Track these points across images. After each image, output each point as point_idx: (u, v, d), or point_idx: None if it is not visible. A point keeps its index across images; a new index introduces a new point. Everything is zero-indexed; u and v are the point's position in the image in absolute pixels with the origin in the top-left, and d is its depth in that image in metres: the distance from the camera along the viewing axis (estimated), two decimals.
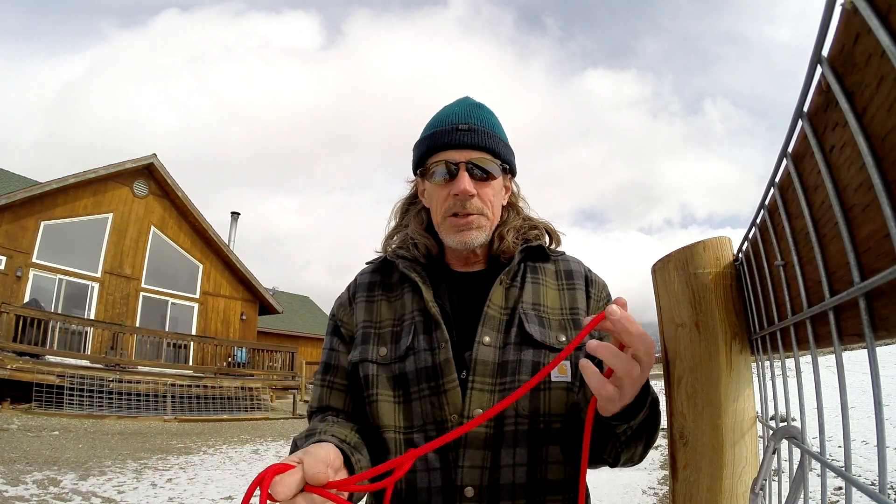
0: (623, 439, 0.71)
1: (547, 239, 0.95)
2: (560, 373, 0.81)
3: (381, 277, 0.92)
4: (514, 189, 0.96)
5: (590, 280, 0.92)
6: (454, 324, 0.84)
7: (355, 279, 0.96)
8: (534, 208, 0.98)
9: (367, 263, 0.97)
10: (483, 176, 0.85)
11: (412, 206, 0.96)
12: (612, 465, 0.80)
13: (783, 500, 0.57)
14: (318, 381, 0.91)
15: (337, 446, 0.66)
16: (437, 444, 0.62)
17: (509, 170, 0.91)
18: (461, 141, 0.84)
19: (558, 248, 0.97)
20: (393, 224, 0.98)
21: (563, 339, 0.84)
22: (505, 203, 0.93)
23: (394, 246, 0.94)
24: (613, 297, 0.69)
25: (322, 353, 0.93)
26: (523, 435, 0.78)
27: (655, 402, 0.74)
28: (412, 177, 0.96)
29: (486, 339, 0.81)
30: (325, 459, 0.59)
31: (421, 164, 0.89)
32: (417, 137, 0.93)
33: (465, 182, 0.82)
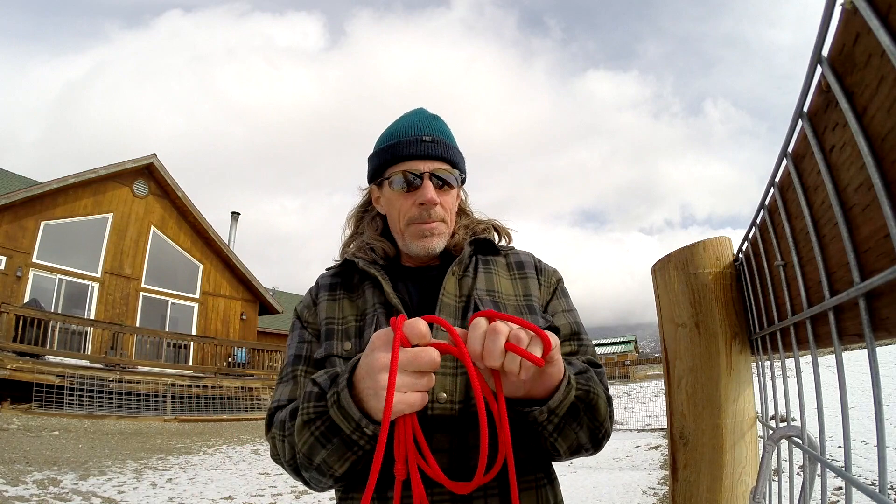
0: (551, 429, 0.70)
1: (496, 235, 1.01)
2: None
3: (341, 280, 0.95)
4: (463, 196, 1.02)
5: (539, 269, 0.96)
6: (414, 315, 0.86)
7: (317, 282, 0.98)
8: (481, 210, 1.04)
9: (327, 269, 1.00)
10: (444, 185, 0.90)
11: (366, 214, 1.01)
12: (561, 458, 0.78)
13: (784, 501, 0.57)
14: (288, 373, 0.88)
15: None
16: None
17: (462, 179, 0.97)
18: (425, 152, 0.89)
19: (510, 244, 1.02)
20: (348, 232, 1.02)
21: None
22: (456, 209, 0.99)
23: (351, 251, 0.97)
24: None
25: (290, 348, 0.92)
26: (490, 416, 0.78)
27: (583, 388, 0.71)
28: (364, 185, 1.00)
29: None
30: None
31: (380, 172, 0.93)
32: (374, 145, 0.96)
33: (431, 192, 0.87)
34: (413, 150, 0.88)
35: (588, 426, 0.74)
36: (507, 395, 0.65)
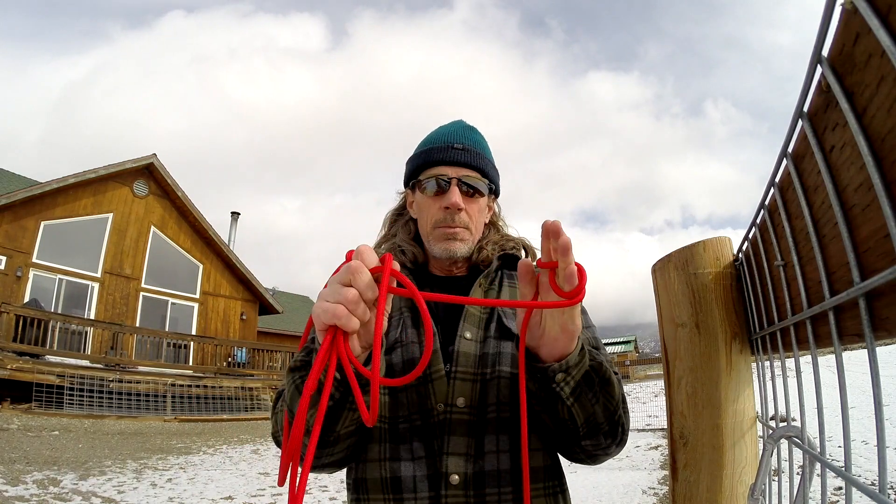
0: (567, 391, 0.69)
1: (523, 253, 1.02)
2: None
3: None
4: (496, 210, 1.04)
5: None
6: (439, 324, 0.88)
7: None
8: (512, 225, 1.05)
9: None
10: (471, 193, 0.92)
11: (400, 217, 1.04)
12: (581, 439, 0.75)
13: (784, 501, 0.57)
14: None
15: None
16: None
17: (494, 190, 0.98)
18: (455, 158, 0.92)
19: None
20: (382, 233, 1.04)
21: None
22: (487, 221, 1.00)
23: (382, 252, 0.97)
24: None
25: (308, 343, 0.90)
26: (505, 422, 0.80)
27: (596, 360, 0.73)
28: (402, 188, 1.03)
29: (468, 333, 0.85)
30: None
31: (414, 176, 0.96)
32: (412, 151, 0.99)
33: (456, 196, 0.89)
34: (443, 155, 0.92)
35: (604, 402, 0.73)
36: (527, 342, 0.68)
